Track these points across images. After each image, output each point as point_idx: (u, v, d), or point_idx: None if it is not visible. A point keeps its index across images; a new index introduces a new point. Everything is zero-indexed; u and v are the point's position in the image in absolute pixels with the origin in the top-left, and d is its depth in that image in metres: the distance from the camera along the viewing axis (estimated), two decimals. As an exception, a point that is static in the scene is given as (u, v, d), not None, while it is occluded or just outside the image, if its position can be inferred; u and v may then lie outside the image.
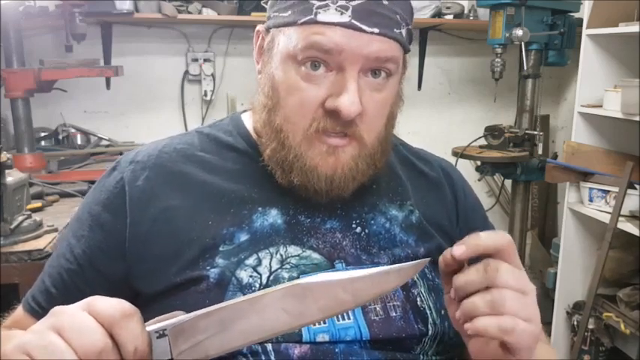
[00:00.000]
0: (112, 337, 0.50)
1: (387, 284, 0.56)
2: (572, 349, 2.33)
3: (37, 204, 1.54)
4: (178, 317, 0.53)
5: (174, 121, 2.59)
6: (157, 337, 0.52)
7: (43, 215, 1.44)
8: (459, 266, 0.60)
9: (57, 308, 0.52)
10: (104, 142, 2.46)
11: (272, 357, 0.66)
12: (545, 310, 2.54)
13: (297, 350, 0.67)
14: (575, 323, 2.33)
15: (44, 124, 2.39)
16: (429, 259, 0.61)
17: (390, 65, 0.71)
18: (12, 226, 1.28)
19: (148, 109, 2.58)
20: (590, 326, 2.22)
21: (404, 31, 0.72)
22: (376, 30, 0.68)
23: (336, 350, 0.68)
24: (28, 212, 1.36)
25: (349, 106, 0.67)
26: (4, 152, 1.29)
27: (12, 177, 1.32)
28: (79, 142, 2.42)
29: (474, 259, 0.60)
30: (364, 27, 0.67)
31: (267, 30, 0.76)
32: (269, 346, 0.66)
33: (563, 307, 2.43)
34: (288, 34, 0.70)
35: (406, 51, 0.75)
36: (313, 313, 0.54)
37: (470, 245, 0.59)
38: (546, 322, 2.46)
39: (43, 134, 2.36)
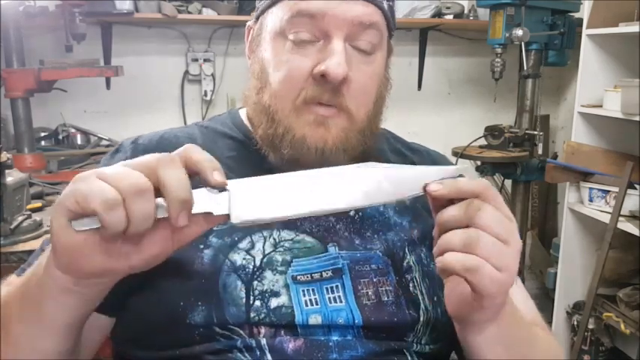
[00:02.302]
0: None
1: (428, 179, 0.59)
2: (572, 349, 2.33)
3: (37, 204, 1.54)
4: (240, 179, 0.56)
5: (174, 121, 2.59)
6: (219, 192, 0.54)
7: (43, 215, 1.44)
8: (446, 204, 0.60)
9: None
10: (104, 142, 2.46)
11: (266, 351, 0.66)
12: (545, 310, 2.54)
13: (291, 345, 0.67)
14: (575, 323, 2.33)
15: (44, 124, 2.39)
16: (467, 166, 0.61)
17: (373, 34, 0.73)
18: (12, 226, 1.28)
19: (148, 109, 2.58)
20: (590, 326, 2.22)
21: (385, 3, 0.74)
22: None
23: (330, 344, 0.68)
24: (28, 212, 1.36)
25: (335, 67, 0.68)
26: (4, 152, 1.29)
27: (12, 177, 1.32)
28: (79, 142, 2.42)
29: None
30: None
31: (256, 20, 0.79)
32: (263, 341, 0.67)
33: (563, 307, 2.43)
34: (275, 12, 0.73)
35: (390, 28, 0.77)
36: (358, 198, 0.58)
37: (447, 183, 0.58)
38: (546, 322, 2.46)
39: (43, 134, 2.36)
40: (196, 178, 0.54)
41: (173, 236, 0.55)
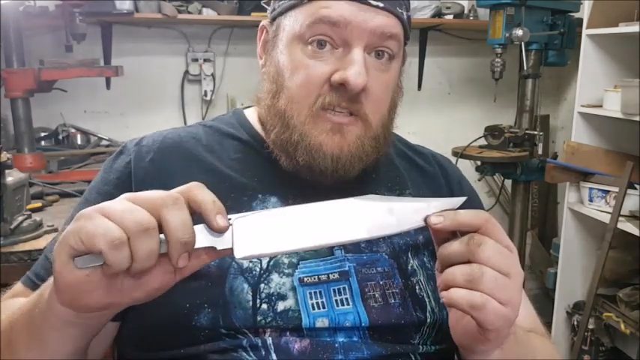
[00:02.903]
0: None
1: (429, 211, 0.58)
2: (572, 349, 2.33)
3: (37, 204, 1.54)
4: (243, 213, 0.56)
5: (174, 121, 2.59)
6: None
7: (43, 215, 1.43)
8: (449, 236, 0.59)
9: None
10: (104, 142, 2.45)
11: (272, 351, 0.66)
12: (546, 310, 2.54)
13: (297, 345, 0.67)
14: (576, 323, 2.33)
15: (44, 124, 2.39)
16: (465, 197, 0.61)
17: (392, 45, 0.72)
18: (12, 227, 1.27)
19: (148, 109, 2.58)
20: (591, 326, 2.22)
21: (405, 14, 0.74)
22: (381, 4, 0.70)
23: (336, 345, 0.68)
24: (28, 212, 1.36)
25: (356, 77, 0.68)
26: (4, 152, 1.29)
27: (12, 177, 1.32)
28: (79, 142, 2.41)
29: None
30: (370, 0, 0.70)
31: (272, 21, 0.78)
32: (269, 340, 0.67)
33: (563, 307, 2.43)
34: (294, 15, 0.72)
35: (406, 37, 0.77)
36: (360, 231, 0.58)
37: (447, 216, 0.58)
38: (546, 322, 2.47)
39: (43, 134, 2.35)
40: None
41: (175, 270, 0.55)
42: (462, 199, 0.60)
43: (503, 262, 0.57)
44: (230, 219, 0.54)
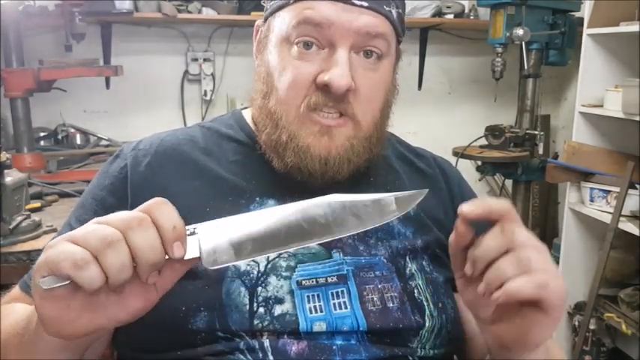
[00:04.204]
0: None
1: (389, 210, 0.58)
2: (573, 350, 2.33)
3: (36, 204, 1.54)
4: (209, 221, 0.55)
5: (174, 121, 2.59)
6: (188, 235, 0.53)
7: (42, 215, 1.43)
8: (469, 243, 0.58)
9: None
10: (104, 142, 2.45)
11: (269, 354, 0.66)
12: (546, 311, 2.53)
13: (294, 347, 0.67)
14: (577, 324, 2.33)
15: (44, 124, 2.38)
16: (427, 190, 0.60)
17: (380, 43, 0.72)
18: (11, 227, 1.27)
19: (147, 109, 2.58)
20: (592, 327, 2.22)
21: (394, 12, 0.73)
22: (365, 3, 0.70)
23: (334, 347, 0.67)
24: (27, 212, 1.35)
25: (339, 79, 0.68)
26: (4, 152, 1.29)
27: (11, 177, 1.31)
28: (78, 142, 2.41)
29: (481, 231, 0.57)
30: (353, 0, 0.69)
31: (265, 21, 0.78)
32: (266, 342, 0.66)
33: (564, 308, 2.42)
34: (282, 16, 0.72)
35: (398, 34, 0.76)
36: (325, 231, 0.56)
37: (478, 204, 0.56)
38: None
39: (42, 134, 2.35)
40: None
41: (155, 285, 0.54)
42: (424, 191, 0.60)
43: (535, 241, 0.56)
44: (195, 228, 0.54)
